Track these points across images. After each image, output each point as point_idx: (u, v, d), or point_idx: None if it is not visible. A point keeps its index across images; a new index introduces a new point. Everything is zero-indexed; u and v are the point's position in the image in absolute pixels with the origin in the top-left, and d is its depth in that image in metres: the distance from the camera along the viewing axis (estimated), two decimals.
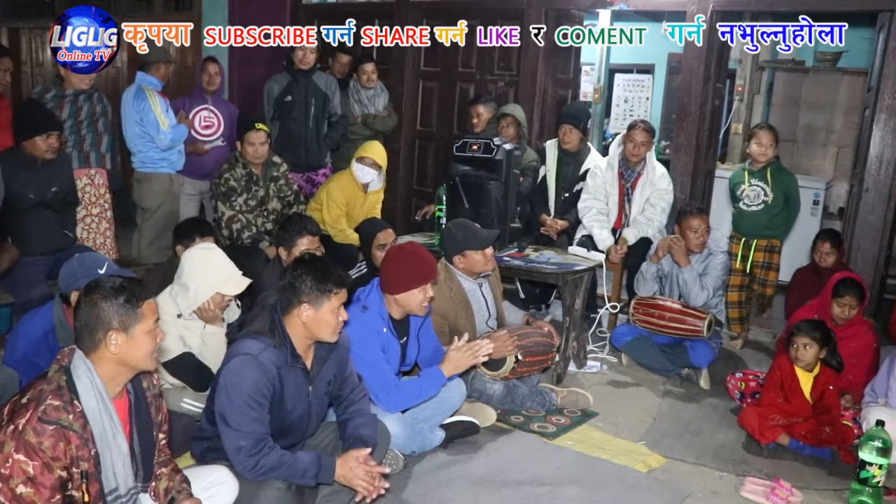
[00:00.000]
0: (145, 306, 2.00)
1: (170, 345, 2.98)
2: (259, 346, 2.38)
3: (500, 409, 3.63)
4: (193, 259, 3.04)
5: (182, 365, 3.04)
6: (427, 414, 3.20)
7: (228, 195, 4.42)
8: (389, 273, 3.06)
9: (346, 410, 2.70)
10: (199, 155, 5.20)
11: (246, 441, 2.33)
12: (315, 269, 2.43)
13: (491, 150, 4.26)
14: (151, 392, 2.15)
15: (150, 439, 2.12)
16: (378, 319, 3.06)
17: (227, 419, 2.34)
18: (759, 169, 4.66)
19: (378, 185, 4.96)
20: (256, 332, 2.43)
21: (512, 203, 4.41)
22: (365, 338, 2.98)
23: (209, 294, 3.00)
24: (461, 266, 3.65)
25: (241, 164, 4.49)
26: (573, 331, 4.20)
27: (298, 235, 3.65)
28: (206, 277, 2.99)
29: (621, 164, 4.81)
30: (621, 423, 3.68)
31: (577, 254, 4.44)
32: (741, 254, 4.73)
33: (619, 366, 4.44)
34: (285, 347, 2.42)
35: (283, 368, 2.41)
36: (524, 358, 3.45)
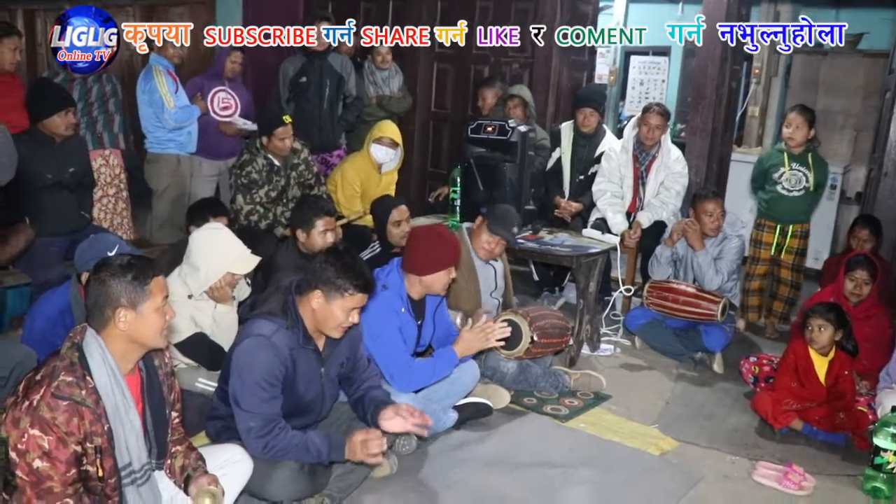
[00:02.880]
0: (153, 283, 2.00)
1: (180, 326, 2.99)
2: (272, 326, 2.38)
3: (513, 391, 3.64)
4: (202, 239, 3.05)
5: (194, 345, 3.05)
6: (440, 395, 3.21)
7: (249, 188, 4.37)
8: (418, 254, 3.05)
9: (358, 389, 2.71)
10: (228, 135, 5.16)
11: (256, 422, 2.34)
12: (342, 263, 2.42)
13: (506, 131, 4.25)
14: (163, 370, 2.16)
15: (162, 416, 2.13)
16: (397, 299, 3.06)
17: (239, 400, 2.35)
18: (800, 153, 4.55)
19: (394, 164, 4.95)
20: (269, 312, 2.42)
21: (527, 185, 4.39)
22: (383, 316, 2.98)
23: (219, 274, 3.00)
24: (477, 238, 3.71)
25: (262, 155, 4.44)
26: (587, 313, 4.19)
27: (315, 216, 3.63)
28: (216, 257, 2.99)
29: (636, 147, 4.76)
30: (634, 407, 3.67)
31: (592, 236, 4.42)
32: (775, 241, 4.64)
33: (633, 349, 4.43)
34: (298, 329, 2.42)
35: (296, 350, 2.42)
36: (539, 339, 3.45)
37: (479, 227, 3.73)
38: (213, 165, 5.28)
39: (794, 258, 4.66)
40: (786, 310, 4.75)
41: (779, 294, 4.75)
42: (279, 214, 4.47)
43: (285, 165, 4.52)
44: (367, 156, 4.85)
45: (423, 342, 3.26)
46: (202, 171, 5.24)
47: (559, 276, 5.21)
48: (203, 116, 5.09)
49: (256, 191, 4.39)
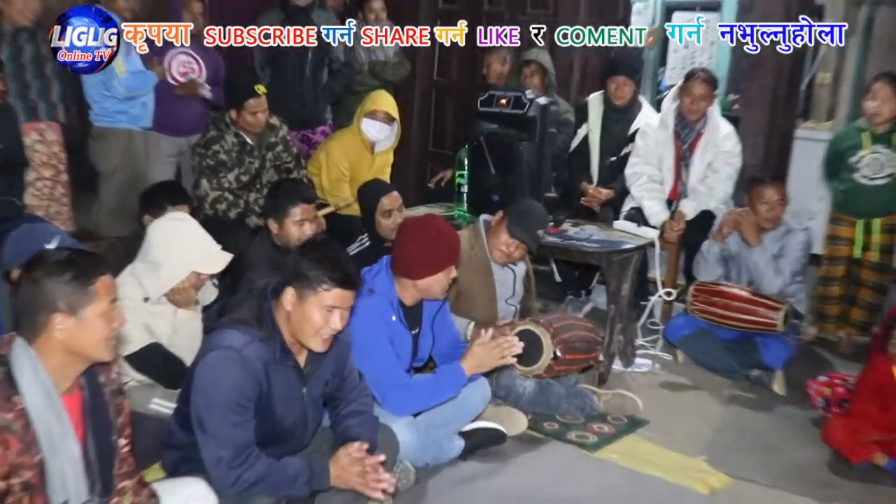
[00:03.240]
0: (98, 284, 1.97)
1: (132, 334, 2.97)
2: (243, 338, 2.36)
3: (531, 414, 3.63)
4: (163, 232, 3.03)
5: (148, 358, 3.04)
6: (444, 419, 3.18)
7: (216, 171, 4.36)
8: (409, 254, 3.04)
9: (339, 412, 2.69)
10: (184, 95, 5.12)
11: (227, 451, 2.32)
12: (317, 254, 2.41)
13: (522, 104, 4.25)
14: (110, 388, 2.13)
15: (107, 444, 2.10)
16: (386, 305, 3.05)
17: (205, 425, 2.33)
18: (884, 132, 4.47)
19: (389, 143, 4.94)
20: (240, 321, 2.41)
21: (547, 168, 4.39)
22: (370, 326, 2.96)
23: (184, 274, 2.99)
24: (494, 237, 3.70)
25: (232, 132, 4.42)
26: (619, 322, 4.17)
27: (290, 203, 3.62)
28: (180, 254, 2.98)
29: (677, 122, 4.75)
30: (676, 434, 3.65)
31: (625, 229, 4.41)
32: (856, 239, 4.57)
33: (675, 364, 4.42)
34: (274, 341, 2.41)
35: (272, 366, 2.41)
36: (563, 354, 3.42)
37: (497, 225, 3.73)
38: (172, 143, 5.26)
39: (878, 257, 4.60)
40: (866, 318, 4.69)
41: (858, 299, 4.69)
42: (252, 202, 4.44)
43: (260, 145, 4.50)
44: (356, 133, 4.83)
45: (421, 356, 3.24)
46: (160, 150, 5.22)
47: (586, 277, 5.20)
48: (160, 84, 5.06)
49: (225, 174, 4.36)
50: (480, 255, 3.69)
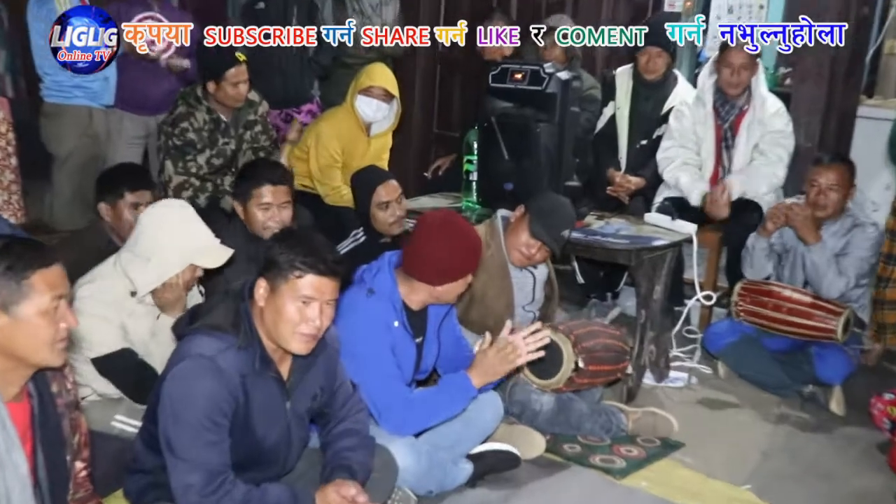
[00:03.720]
0: (37, 277, 1.96)
1: (105, 335, 3.00)
2: (217, 345, 2.37)
3: (549, 434, 3.64)
4: (156, 219, 3.06)
5: (118, 363, 3.05)
6: (450, 439, 3.19)
7: (184, 152, 4.39)
8: (431, 257, 3.03)
9: (331, 431, 2.70)
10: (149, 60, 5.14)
11: (197, 476, 2.32)
12: (293, 240, 2.43)
13: (541, 79, 4.25)
14: (64, 400, 2.14)
15: (60, 463, 2.11)
16: (389, 309, 3.05)
17: (173, 445, 2.34)
18: None
19: (387, 123, 4.96)
20: (213, 326, 2.42)
21: (568, 152, 4.39)
22: (369, 332, 2.97)
23: (180, 266, 3.02)
24: (513, 236, 3.71)
25: (204, 108, 4.45)
26: (651, 330, 4.18)
27: (255, 184, 3.64)
28: (176, 244, 3.01)
29: (716, 98, 4.76)
30: (717, 459, 3.65)
31: (658, 223, 4.41)
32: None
33: (715, 378, 4.43)
34: (253, 348, 2.41)
35: (250, 377, 2.41)
36: (586, 365, 3.43)
37: (517, 222, 3.72)
38: (139, 123, 5.28)
39: None
40: None
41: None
42: (228, 185, 4.46)
43: (236, 123, 4.52)
44: (350, 112, 4.85)
45: (424, 367, 3.25)
46: (124, 131, 5.25)
47: (612, 279, 5.22)
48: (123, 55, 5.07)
49: (193, 156, 4.40)
50: (497, 257, 3.69)
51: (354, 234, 4.06)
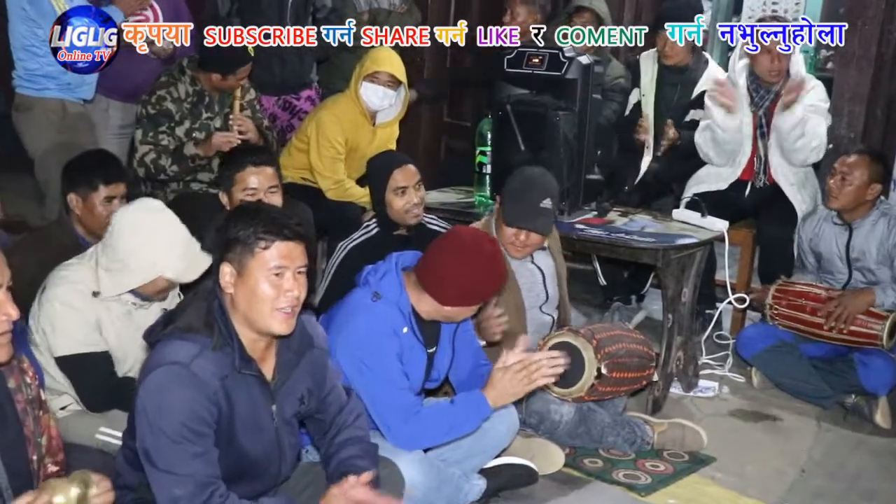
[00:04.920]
0: None
1: (74, 331, 3.04)
2: (191, 349, 2.37)
3: (569, 448, 3.64)
4: (127, 224, 3.07)
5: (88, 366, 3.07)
6: (461, 453, 3.19)
7: (157, 122, 4.42)
8: (447, 275, 3.00)
9: (332, 441, 2.70)
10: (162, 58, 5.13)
11: (184, 488, 2.31)
12: (247, 214, 2.44)
13: (559, 64, 4.25)
14: (24, 395, 2.14)
15: (21, 467, 2.10)
16: (396, 315, 3.03)
17: (153, 458, 2.34)
18: None
19: (394, 112, 4.96)
20: (186, 328, 2.41)
21: (590, 143, 4.40)
22: (374, 339, 2.97)
23: (148, 277, 3.05)
24: (499, 231, 3.69)
25: (187, 80, 4.48)
26: (678, 335, 4.19)
27: (237, 168, 3.64)
28: (148, 254, 3.02)
29: (749, 82, 4.76)
30: (751, 475, 3.65)
31: (686, 220, 4.40)
32: None
33: (749, 388, 4.43)
34: (231, 348, 2.41)
35: (230, 378, 2.41)
36: (609, 372, 3.42)
37: (499, 214, 3.70)
38: (125, 111, 5.26)
39: None
40: None
41: None
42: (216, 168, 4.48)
43: (222, 101, 4.56)
44: (353, 100, 4.84)
45: (435, 376, 3.24)
46: (110, 120, 5.24)
47: (637, 280, 5.24)
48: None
49: (170, 128, 4.44)
50: None
51: (366, 226, 4.06)
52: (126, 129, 5.28)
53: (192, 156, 4.44)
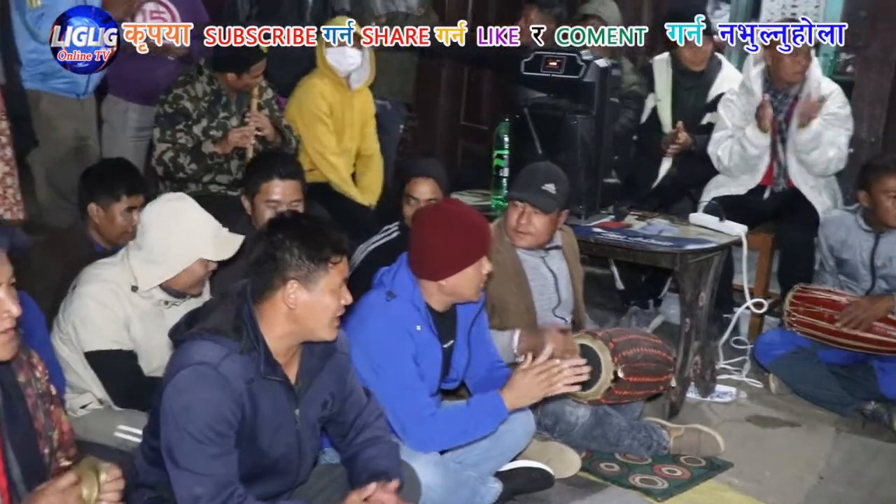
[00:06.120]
0: None
1: (104, 327, 3.06)
2: (219, 351, 2.39)
3: (585, 451, 3.65)
4: (156, 217, 3.12)
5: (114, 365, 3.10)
6: (477, 456, 3.20)
7: (174, 121, 4.46)
8: (427, 249, 3.04)
9: (352, 442, 2.72)
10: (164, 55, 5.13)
11: (204, 488, 2.34)
12: (303, 231, 2.45)
13: (577, 67, 4.26)
14: (34, 390, 2.15)
15: (35, 459, 2.11)
16: (411, 312, 3.05)
17: (176, 457, 2.36)
18: None
19: (365, 75, 5.04)
20: (214, 330, 2.43)
21: (607, 147, 4.40)
22: (389, 339, 2.98)
23: (186, 263, 3.08)
24: (506, 222, 3.72)
25: (205, 79, 4.52)
26: (696, 339, 4.18)
27: (264, 177, 3.67)
28: (181, 240, 3.07)
29: (766, 87, 4.77)
30: (768, 481, 3.65)
31: (704, 224, 4.39)
32: None
33: (766, 394, 4.43)
34: (257, 352, 2.43)
35: (256, 383, 2.43)
36: (626, 376, 3.43)
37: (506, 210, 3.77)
38: (144, 113, 5.23)
39: None
40: None
41: None
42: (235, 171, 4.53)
43: (240, 101, 4.59)
44: (324, 73, 4.96)
45: (453, 375, 3.26)
46: (128, 122, 5.26)
47: (654, 284, 5.24)
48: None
49: (187, 127, 4.47)
50: (508, 257, 3.66)
51: (386, 229, 4.10)
52: (144, 131, 5.28)
53: (210, 154, 4.47)
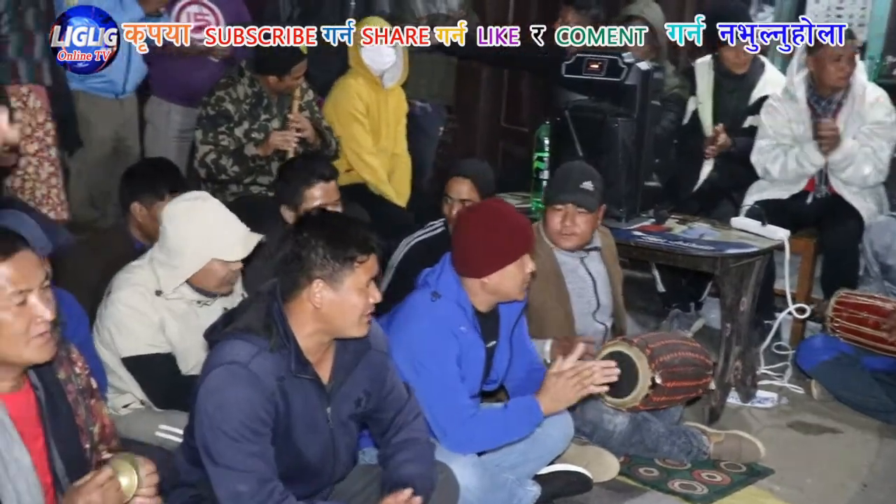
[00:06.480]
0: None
1: (141, 331, 3.08)
2: (250, 349, 2.41)
3: (624, 456, 3.64)
4: (178, 215, 3.12)
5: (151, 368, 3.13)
6: (515, 459, 3.20)
7: (216, 123, 4.50)
8: (470, 246, 3.06)
9: (389, 442, 2.73)
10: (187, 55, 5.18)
11: (246, 485, 2.36)
12: (329, 230, 2.47)
13: (619, 70, 4.26)
14: (75, 386, 2.17)
15: (77, 454, 2.13)
16: (456, 312, 3.06)
17: (213, 455, 2.38)
18: None
19: (398, 72, 5.06)
20: (245, 329, 2.46)
21: (648, 150, 4.40)
22: (434, 339, 2.99)
23: (201, 263, 3.08)
24: (546, 226, 3.73)
25: (246, 81, 4.56)
26: (737, 345, 4.17)
27: (305, 184, 3.68)
28: (197, 240, 3.07)
29: (809, 94, 4.73)
30: (811, 488, 3.63)
31: (746, 229, 4.37)
32: None
33: (808, 400, 4.39)
34: (287, 350, 2.45)
35: (287, 380, 2.45)
36: (664, 381, 3.40)
37: (544, 211, 3.78)
38: (187, 115, 5.28)
39: None
40: None
41: None
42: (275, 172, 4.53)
43: (280, 105, 4.62)
44: (358, 72, 4.98)
45: (494, 377, 3.26)
46: (171, 124, 5.32)
47: (695, 287, 5.21)
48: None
49: (229, 129, 4.50)
50: (547, 261, 3.65)
51: (431, 224, 4.13)
52: (187, 133, 5.33)
53: (252, 156, 4.50)
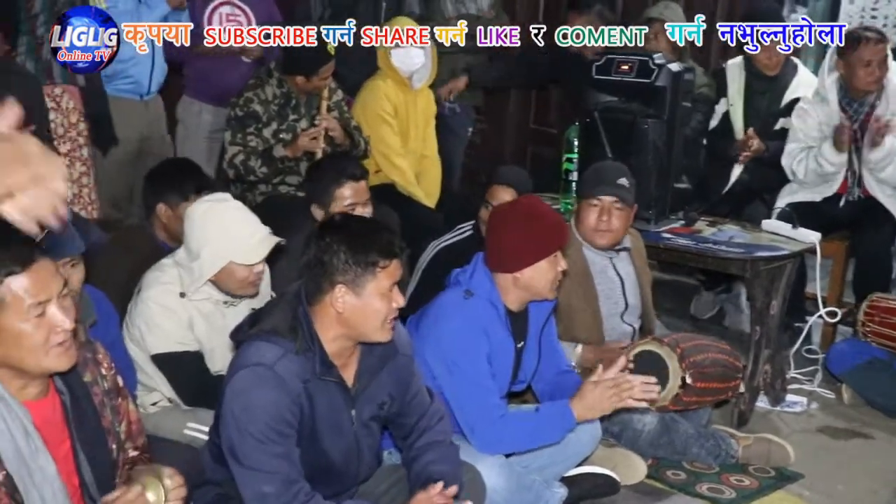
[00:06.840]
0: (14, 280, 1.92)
1: (171, 330, 3.11)
2: (276, 351, 2.43)
3: (652, 458, 3.64)
4: (198, 216, 3.14)
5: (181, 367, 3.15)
6: (543, 461, 3.20)
7: (244, 123, 4.51)
8: (503, 241, 3.08)
9: (413, 445, 2.73)
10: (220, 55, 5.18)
11: (272, 485, 2.38)
12: (351, 235, 2.47)
13: (649, 71, 4.25)
14: (101, 387, 2.17)
15: (104, 458, 2.14)
16: (488, 310, 3.07)
17: (239, 456, 2.40)
18: None
19: (427, 73, 5.07)
20: (271, 331, 2.47)
21: (678, 151, 4.39)
22: (466, 338, 3.01)
23: (219, 265, 3.08)
24: (580, 223, 3.73)
25: (275, 82, 4.58)
26: (766, 348, 4.15)
27: (335, 184, 3.68)
28: (216, 242, 3.07)
29: (841, 96, 4.70)
30: (840, 494, 3.61)
31: (777, 231, 4.35)
32: None
33: (839, 404, 4.37)
34: (313, 353, 2.46)
35: (312, 383, 2.46)
36: (694, 382, 3.39)
37: (576, 216, 3.78)
38: (217, 115, 5.27)
39: None
40: None
41: None
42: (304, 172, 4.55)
43: (309, 105, 4.64)
44: (386, 74, 4.99)
45: (522, 378, 3.27)
46: (202, 124, 5.34)
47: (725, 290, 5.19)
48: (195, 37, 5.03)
49: (257, 130, 4.51)
50: (576, 261, 3.64)
51: (459, 228, 4.14)
52: (217, 132, 5.34)
53: (281, 157, 4.52)
